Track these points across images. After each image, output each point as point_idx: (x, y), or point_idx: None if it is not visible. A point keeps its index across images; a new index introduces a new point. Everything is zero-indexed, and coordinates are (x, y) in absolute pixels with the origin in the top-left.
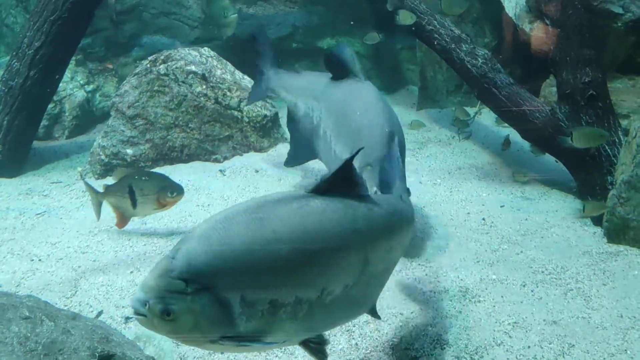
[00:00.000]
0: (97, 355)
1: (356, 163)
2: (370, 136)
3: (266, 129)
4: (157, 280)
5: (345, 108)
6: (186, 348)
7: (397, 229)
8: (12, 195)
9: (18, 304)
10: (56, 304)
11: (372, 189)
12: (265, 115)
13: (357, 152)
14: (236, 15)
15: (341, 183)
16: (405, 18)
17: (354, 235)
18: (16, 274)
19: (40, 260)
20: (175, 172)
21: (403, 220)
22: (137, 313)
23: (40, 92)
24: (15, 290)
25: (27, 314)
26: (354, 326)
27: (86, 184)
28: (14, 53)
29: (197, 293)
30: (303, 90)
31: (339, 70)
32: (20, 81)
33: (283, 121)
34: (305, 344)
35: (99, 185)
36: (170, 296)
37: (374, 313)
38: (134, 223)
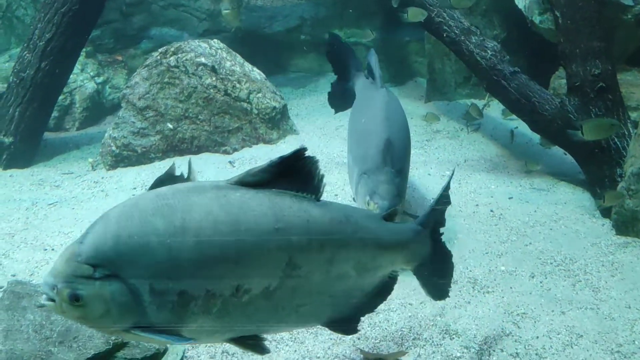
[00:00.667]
0: (112, 342)
1: (354, 171)
2: (368, 145)
3: (275, 121)
4: (64, 265)
5: (357, 115)
6: None
7: (347, 243)
8: (24, 185)
9: (33, 292)
10: None
11: (365, 197)
12: (274, 107)
13: (293, 153)
14: (228, 11)
15: (278, 179)
16: (415, 15)
17: (274, 234)
18: (30, 263)
19: (53, 249)
20: (185, 163)
21: (361, 237)
22: (47, 298)
23: (51, 83)
24: (29, 279)
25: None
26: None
27: None
28: (25, 45)
29: (106, 279)
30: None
31: (370, 76)
32: (32, 73)
33: (292, 113)
34: (239, 341)
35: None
36: (77, 281)
37: (336, 328)
38: None
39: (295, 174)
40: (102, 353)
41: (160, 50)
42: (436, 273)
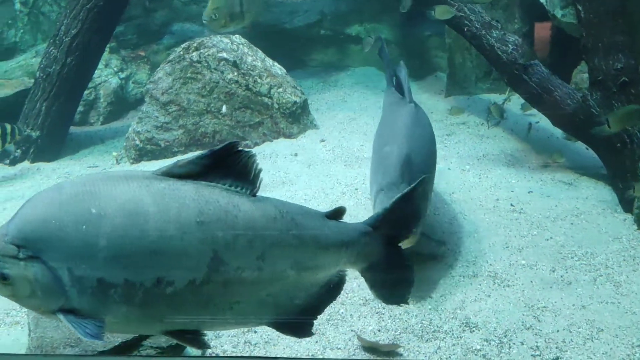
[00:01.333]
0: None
1: (374, 187)
2: (388, 161)
3: (296, 116)
4: None
5: (382, 129)
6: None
7: (281, 241)
8: (51, 178)
9: None
10: None
11: None
12: (295, 102)
13: (223, 146)
14: (206, 21)
15: (210, 172)
16: (442, 13)
17: (195, 227)
18: None
19: None
20: None
21: (296, 235)
22: None
23: (77, 78)
24: None
25: None
26: (384, 308)
27: None
28: (52, 40)
29: (29, 260)
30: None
31: (399, 89)
32: (58, 68)
33: (312, 107)
34: (176, 334)
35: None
36: (4, 260)
37: (284, 330)
38: None
39: (229, 167)
40: (130, 341)
41: (183, 45)
42: (390, 279)
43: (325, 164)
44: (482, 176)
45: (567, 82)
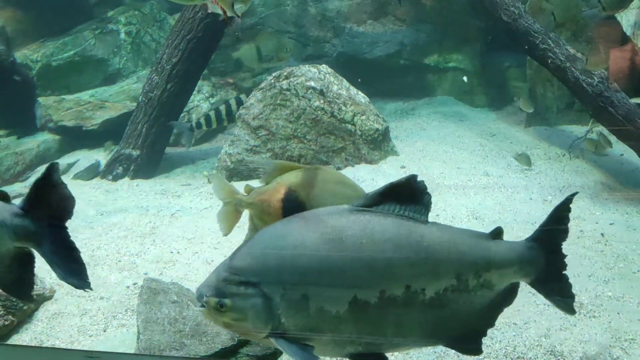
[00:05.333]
0: (236, 339)
1: None
2: None
3: (377, 142)
4: None
5: None
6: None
7: None
8: (149, 194)
9: (167, 289)
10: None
11: None
12: (377, 129)
13: None
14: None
15: None
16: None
17: None
18: (159, 264)
19: (178, 252)
20: None
21: None
22: None
23: (175, 103)
24: (159, 278)
25: (175, 298)
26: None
27: None
28: (154, 68)
29: None
30: None
31: None
32: (159, 93)
33: (392, 135)
34: None
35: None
36: None
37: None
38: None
39: None
40: (228, 348)
41: (274, 74)
42: (60, 261)
43: None
44: None
45: None
